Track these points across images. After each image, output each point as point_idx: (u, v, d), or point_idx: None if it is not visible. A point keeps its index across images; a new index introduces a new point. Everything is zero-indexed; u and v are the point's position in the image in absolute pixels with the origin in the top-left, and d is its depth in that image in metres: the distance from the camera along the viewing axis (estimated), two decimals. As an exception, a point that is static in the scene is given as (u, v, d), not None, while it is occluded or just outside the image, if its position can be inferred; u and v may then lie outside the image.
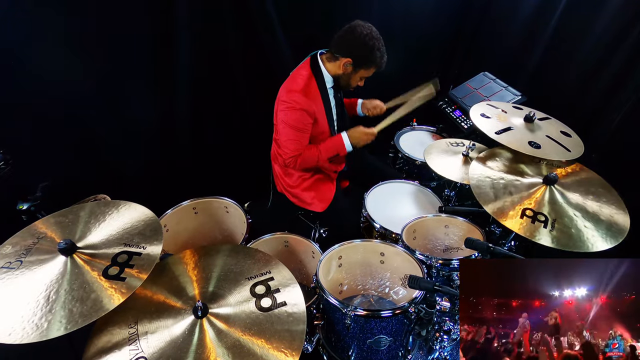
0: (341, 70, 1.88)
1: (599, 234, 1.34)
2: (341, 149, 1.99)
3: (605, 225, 1.37)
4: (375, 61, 1.85)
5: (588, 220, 1.38)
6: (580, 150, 1.65)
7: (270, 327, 1.12)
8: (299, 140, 1.91)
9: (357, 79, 1.93)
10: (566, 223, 1.37)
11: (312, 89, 1.89)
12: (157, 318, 1.13)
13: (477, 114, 1.83)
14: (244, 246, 1.68)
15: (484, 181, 1.56)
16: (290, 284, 1.26)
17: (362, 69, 1.88)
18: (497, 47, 2.88)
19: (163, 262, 1.31)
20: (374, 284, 1.69)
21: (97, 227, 1.26)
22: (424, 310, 1.21)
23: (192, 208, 2.05)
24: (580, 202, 1.45)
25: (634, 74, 2.07)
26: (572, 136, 1.79)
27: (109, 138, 2.18)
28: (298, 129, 1.88)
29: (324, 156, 1.98)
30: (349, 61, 1.83)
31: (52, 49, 1.85)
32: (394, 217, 1.94)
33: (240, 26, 2.29)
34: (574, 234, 1.34)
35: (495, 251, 1.31)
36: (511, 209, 1.44)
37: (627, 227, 1.36)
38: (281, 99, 1.89)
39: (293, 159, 1.94)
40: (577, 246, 1.31)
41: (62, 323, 0.97)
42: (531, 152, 1.58)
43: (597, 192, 1.51)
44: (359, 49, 1.81)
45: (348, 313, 1.27)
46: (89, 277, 1.09)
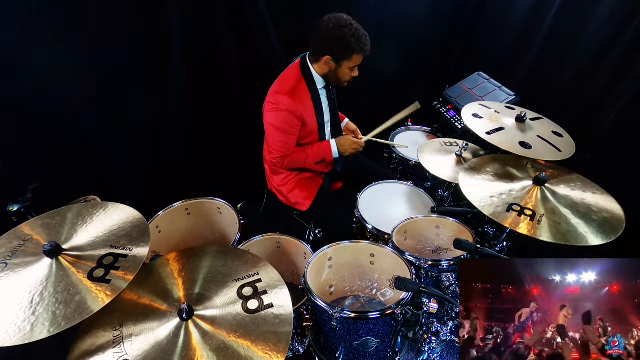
0: (326, 68, 1.86)
1: (590, 230, 1.33)
2: (328, 155, 2.01)
3: (597, 223, 1.36)
4: (353, 48, 1.77)
5: (579, 217, 1.38)
6: (571, 150, 1.64)
7: (256, 329, 1.12)
8: (285, 142, 1.91)
9: (345, 72, 1.88)
10: (556, 219, 1.37)
11: (300, 90, 1.89)
12: (142, 320, 1.12)
13: (469, 115, 1.83)
14: (233, 247, 1.67)
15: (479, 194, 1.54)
16: (278, 285, 1.26)
17: (344, 61, 1.83)
18: (492, 47, 2.88)
19: (150, 264, 1.31)
20: (362, 285, 1.69)
21: (83, 229, 1.25)
22: (411, 312, 1.21)
23: (184, 209, 2.04)
24: (572, 201, 1.45)
25: (627, 74, 2.07)
26: (564, 136, 1.78)
27: (101, 139, 2.18)
28: (283, 130, 1.88)
29: (311, 160, 1.99)
30: (328, 58, 1.81)
31: (44, 50, 1.85)
32: (387, 217, 1.93)
33: (233, 27, 2.29)
34: (563, 228, 1.34)
35: (484, 252, 1.31)
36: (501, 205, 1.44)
37: (622, 225, 1.35)
38: (268, 100, 1.89)
39: (280, 159, 1.95)
40: (566, 239, 1.31)
41: (44, 326, 0.97)
42: (522, 153, 1.57)
43: (588, 191, 1.51)
44: (331, 43, 1.77)
45: (334, 315, 1.27)
46: (74, 279, 1.09)
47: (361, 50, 1.80)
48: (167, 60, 2.20)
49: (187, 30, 2.16)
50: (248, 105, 2.56)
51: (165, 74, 2.23)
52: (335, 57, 1.81)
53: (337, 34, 1.74)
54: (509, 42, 2.71)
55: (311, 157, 1.98)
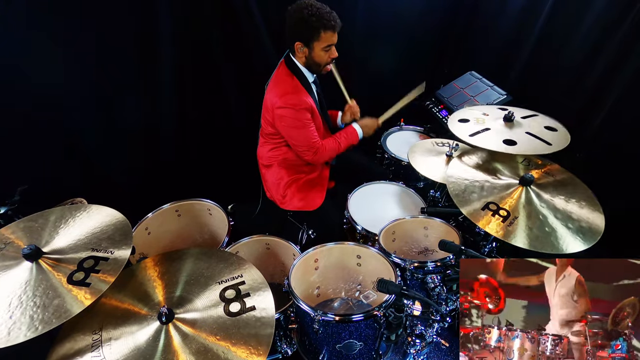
0: (302, 56, 1.88)
1: (562, 239, 1.32)
2: (354, 139, 2.14)
3: (572, 231, 1.34)
4: (316, 26, 1.76)
5: (556, 223, 1.36)
6: (564, 143, 1.58)
7: (236, 331, 1.11)
8: (308, 135, 1.94)
9: (319, 54, 1.86)
10: (530, 224, 1.36)
11: (299, 86, 1.91)
12: (122, 324, 1.12)
13: (455, 121, 1.81)
14: (218, 249, 1.66)
15: (460, 183, 1.54)
16: (261, 287, 1.26)
17: (314, 42, 1.82)
18: (486, 47, 2.86)
19: (132, 267, 1.30)
20: (345, 288, 1.68)
21: (65, 232, 1.25)
22: (393, 314, 1.20)
23: (174, 210, 2.04)
24: (554, 206, 1.43)
25: (620, 73, 2.05)
26: (558, 130, 1.74)
27: (90, 140, 2.17)
28: (302, 126, 1.91)
29: (343, 146, 2.09)
30: (299, 44, 1.83)
31: (32, 51, 1.84)
32: (377, 218, 1.92)
33: (224, 26, 2.28)
34: (533, 234, 1.32)
35: (468, 253, 1.30)
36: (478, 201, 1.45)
37: (601, 231, 1.34)
38: (277, 106, 1.86)
39: (311, 153, 1.98)
40: (533, 245, 1.29)
41: (21, 330, 0.97)
42: (504, 150, 1.55)
43: (575, 195, 1.49)
44: (296, 27, 1.80)
45: (315, 318, 1.27)
46: (54, 282, 1.09)
47: (326, 27, 1.78)
48: (157, 60, 2.19)
49: (177, 30, 2.16)
50: (239, 105, 2.56)
51: (155, 74, 2.22)
52: (304, 41, 1.82)
53: (298, 17, 1.76)
54: (502, 42, 2.69)
55: (343, 143, 2.09)
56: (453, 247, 1.33)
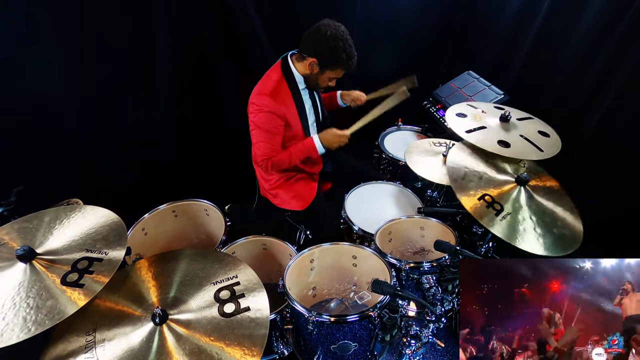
0: (308, 70, 1.86)
1: (542, 241, 1.37)
2: (312, 152, 1.98)
3: (554, 237, 1.40)
4: (341, 63, 1.81)
5: (540, 227, 1.41)
6: (555, 150, 1.61)
7: (230, 332, 1.11)
8: (270, 143, 1.91)
9: (325, 79, 1.90)
10: (518, 220, 1.40)
11: (282, 91, 1.88)
12: (116, 325, 1.12)
13: (453, 114, 1.81)
14: (213, 250, 1.66)
15: (460, 169, 1.56)
16: (256, 288, 1.26)
17: (328, 70, 1.85)
18: (484, 46, 2.86)
19: (126, 268, 1.30)
20: (340, 288, 1.68)
21: (60, 233, 1.25)
22: (387, 315, 1.20)
23: (171, 211, 2.04)
24: (543, 210, 1.46)
25: (617, 73, 2.04)
26: (551, 136, 1.76)
27: (86, 141, 2.17)
28: (267, 130, 1.87)
29: (295, 158, 1.97)
30: (314, 61, 1.81)
31: (30, 51, 1.84)
32: (374, 218, 1.92)
33: (221, 27, 2.28)
34: (520, 231, 1.37)
35: (463, 253, 1.30)
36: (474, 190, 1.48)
37: (575, 246, 1.38)
38: (250, 102, 1.89)
39: (265, 161, 1.94)
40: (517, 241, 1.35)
41: (14, 332, 0.97)
42: (497, 151, 1.56)
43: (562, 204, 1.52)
44: (323, 49, 1.77)
45: (310, 319, 1.26)
46: (47, 283, 1.09)
47: (346, 67, 1.84)
48: (155, 61, 2.19)
49: (175, 31, 2.15)
50: (236, 106, 2.55)
51: (153, 75, 2.22)
52: (321, 63, 1.82)
53: (331, 44, 1.75)
54: (500, 41, 2.69)
55: (295, 155, 1.96)
56: (448, 248, 1.33)
